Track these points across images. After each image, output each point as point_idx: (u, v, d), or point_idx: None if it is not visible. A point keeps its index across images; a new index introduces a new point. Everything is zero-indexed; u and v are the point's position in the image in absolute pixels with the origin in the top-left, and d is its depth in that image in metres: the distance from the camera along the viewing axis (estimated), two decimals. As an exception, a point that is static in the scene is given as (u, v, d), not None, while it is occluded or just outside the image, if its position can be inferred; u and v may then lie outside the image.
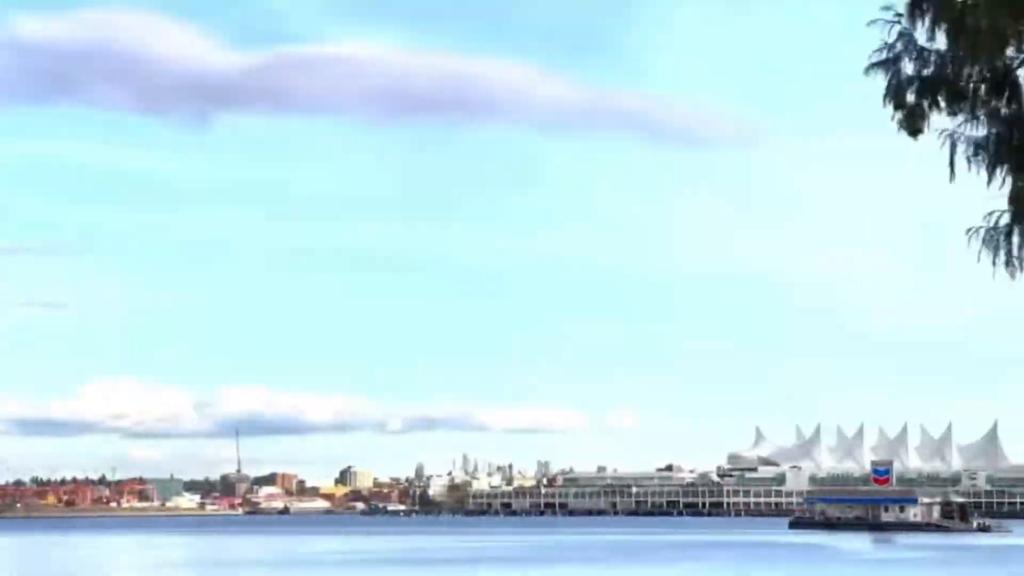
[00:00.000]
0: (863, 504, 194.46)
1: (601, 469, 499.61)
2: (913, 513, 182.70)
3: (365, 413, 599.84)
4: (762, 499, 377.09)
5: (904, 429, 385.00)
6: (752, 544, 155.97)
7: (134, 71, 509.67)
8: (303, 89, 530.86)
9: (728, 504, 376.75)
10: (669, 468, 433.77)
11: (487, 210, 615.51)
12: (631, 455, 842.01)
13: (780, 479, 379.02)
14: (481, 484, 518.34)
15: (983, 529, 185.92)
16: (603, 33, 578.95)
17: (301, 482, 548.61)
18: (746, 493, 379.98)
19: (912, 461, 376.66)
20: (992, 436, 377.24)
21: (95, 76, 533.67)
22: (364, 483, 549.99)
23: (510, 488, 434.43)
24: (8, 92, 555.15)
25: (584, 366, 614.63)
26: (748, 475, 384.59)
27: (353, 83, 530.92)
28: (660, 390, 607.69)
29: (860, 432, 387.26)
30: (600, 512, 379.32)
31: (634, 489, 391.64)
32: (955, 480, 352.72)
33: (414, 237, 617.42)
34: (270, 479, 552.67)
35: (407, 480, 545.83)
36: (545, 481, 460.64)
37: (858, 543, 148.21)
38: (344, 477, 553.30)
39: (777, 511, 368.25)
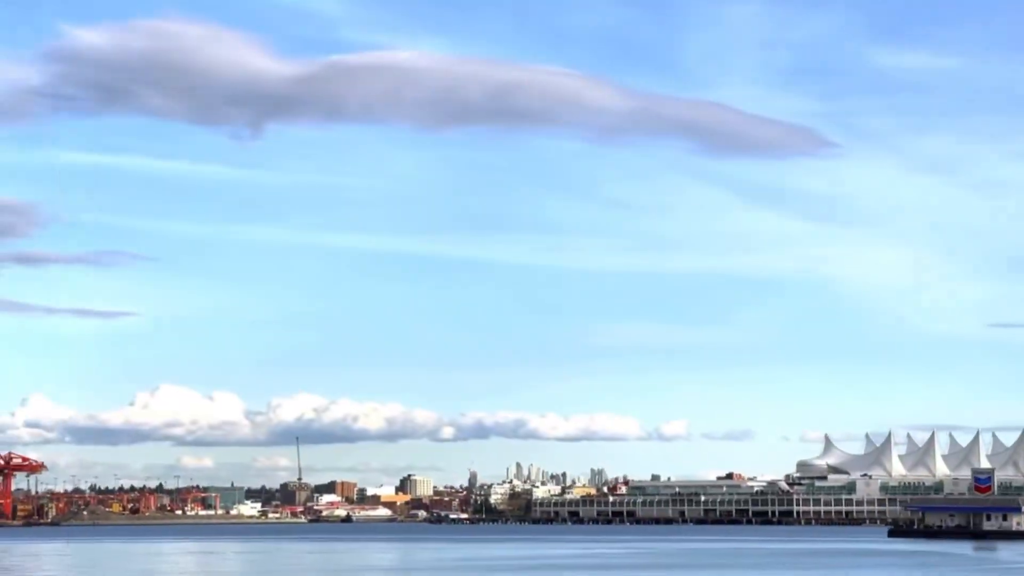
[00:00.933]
0: (964, 512, 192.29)
1: (655, 478, 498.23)
2: (1017, 522, 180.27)
3: (419, 422, 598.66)
4: (832, 507, 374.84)
5: (976, 437, 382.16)
6: (862, 552, 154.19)
7: (187, 81, 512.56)
8: (355, 97, 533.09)
9: (798, 512, 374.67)
10: (729, 476, 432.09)
11: (537, 218, 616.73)
12: (685, 464, 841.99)
13: (850, 487, 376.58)
14: (540, 492, 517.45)
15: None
16: (653, 39, 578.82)
17: (362, 490, 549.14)
18: (816, 502, 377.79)
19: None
20: None
21: (148, 86, 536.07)
22: (424, 491, 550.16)
23: (576, 496, 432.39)
24: (63, 102, 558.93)
25: (638, 374, 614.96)
26: (818, 483, 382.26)
27: (404, 91, 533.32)
28: (713, 398, 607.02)
29: (931, 440, 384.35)
30: (668, 520, 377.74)
31: (702, 497, 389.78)
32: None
33: (466, 245, 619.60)
34: (329, 487, 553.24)
35: (463, 488, 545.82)
36: (606, 489, 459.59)
37: (983, 552, 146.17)
38: (404, 485, 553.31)
39: (848, 520, 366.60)
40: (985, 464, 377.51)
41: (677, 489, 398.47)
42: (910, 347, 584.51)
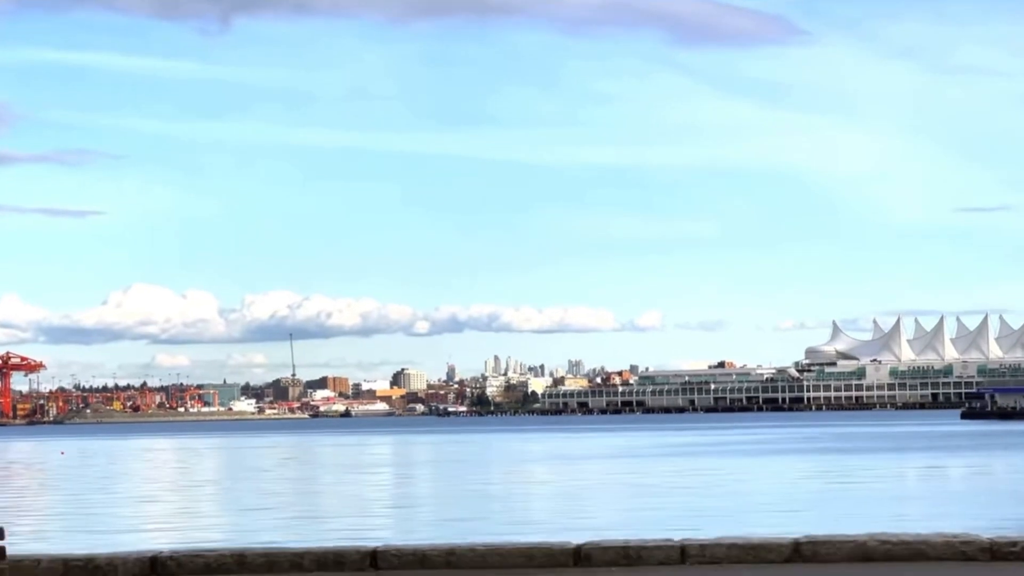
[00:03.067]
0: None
1: (634, 368, 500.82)
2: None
3: (393, 317, 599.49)
4: (843, 393, 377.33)
5: (984, 320, 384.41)
6: (944, 434, 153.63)
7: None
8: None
9: (809, 399, 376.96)
10: (721, 365, 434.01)
11: (509, 111, 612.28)
12: (660, 354, 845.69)
13: (860, 373, 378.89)
14: (537, 385, 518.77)
15: None
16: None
17: (357, 385, 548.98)
18: (826, 388, 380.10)
19: (993, 352, 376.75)
20: None
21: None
22: (417, 385, 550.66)
23: (586, 387, 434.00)
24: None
25: (611, 266, 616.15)
26: (828, 369, 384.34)
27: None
28: (686, 289, 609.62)
29: (940, 324, 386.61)
30: (679, 409, 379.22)
31: (712, 386, 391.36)
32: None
33: (436, 139, 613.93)
34: (321, 383, 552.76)
35: (451, 381, 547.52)
36: (599, 381, 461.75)
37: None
38: (398, 379, 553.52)
39: (858, 405, 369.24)
40: (995, 347, 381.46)
41: (687, 378, 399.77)
42: (879, 234, 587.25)
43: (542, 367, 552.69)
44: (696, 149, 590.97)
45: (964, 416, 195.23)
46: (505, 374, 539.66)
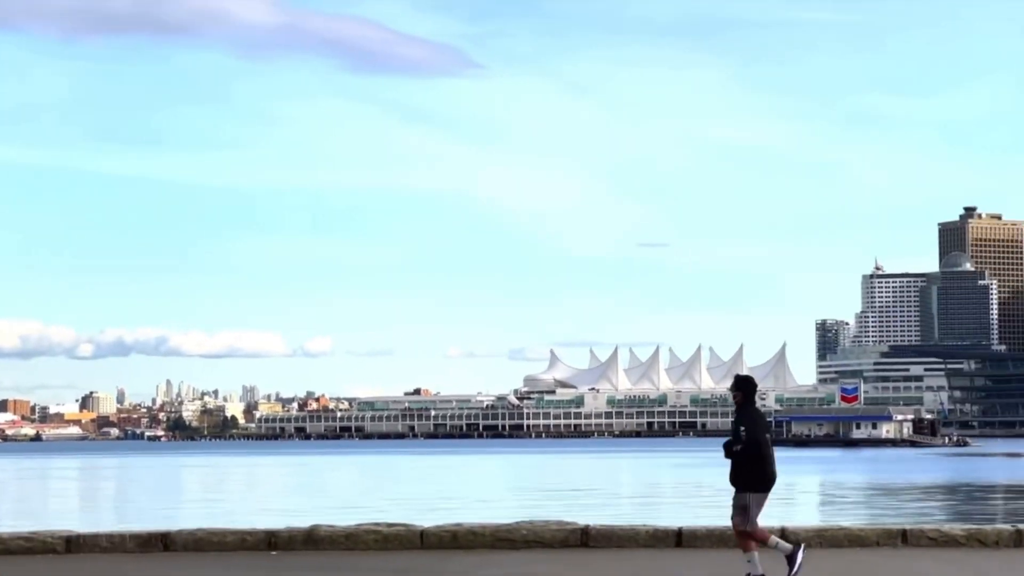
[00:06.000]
0: (833, 421, 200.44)
1: (310, 394, 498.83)
2: (886, 430, 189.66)
3: (55, 339, 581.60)
4: (561, 420, 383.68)
5: (697, 351, 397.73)
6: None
7: None
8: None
9: (528, 426, 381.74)
10: (417, 392, 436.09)
11: (182, 132, 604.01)
12: (334, 381, 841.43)
13: (579, 401, 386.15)
14: (234, 409, 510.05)
15: (961, 444, 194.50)
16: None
17: (44, 408, 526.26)
18: (546, 415, 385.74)
19: (705, 382, 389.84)
20: (780, 357, 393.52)
21: None
22: (107, 409, 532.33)
23: (302, 412, 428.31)
24: None
25: (282, 290, 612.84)
26: (547, 397, 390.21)
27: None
28: (358, 315, 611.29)
29: (655, 354, 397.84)
30: (399, 435, 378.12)
31: (432, 412, 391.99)
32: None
33: (105, 158, 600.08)
34: (1, 405, 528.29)
35: (146, 406, 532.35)
36: (315, 406, 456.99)
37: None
38: (86, 403, 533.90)
39: (577, 432, 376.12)
40: (707, 377, 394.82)
41: (407, 404, 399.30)
42: (556, 267, 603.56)
43: (216, 392, 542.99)
44: (369, 175, 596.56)
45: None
46: (179, 399, 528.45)
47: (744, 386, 16.67)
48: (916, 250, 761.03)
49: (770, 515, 18.21)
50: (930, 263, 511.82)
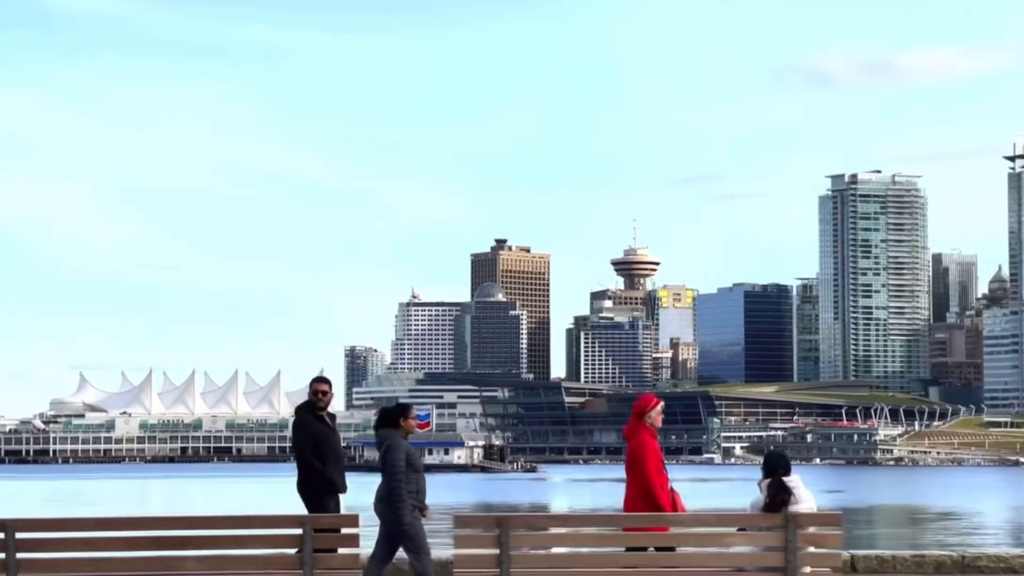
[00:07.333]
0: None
1: None
2: (458, 455, 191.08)
3: None
4: (91, 446, 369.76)
5: (234, 376, 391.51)
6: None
7: None
8: None
9: (55, 451, 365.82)
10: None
11: None
12: None
13: (110, 425, 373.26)
14: None
15: (531, 469, 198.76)
16: None
17: None
18: (74, 440, 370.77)
19: (242, 407, 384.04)
20: (275, 382, 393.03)
21: None
22: None
23: None
24: None
25: None
26: (76, 421, 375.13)
27: None
28: None
29: (191, 379, 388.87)
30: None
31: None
32: (283, 426, 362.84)
33: None
34: None
35: None
36: None
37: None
38: None
39: (107, 457, 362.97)
40: (243, 402, 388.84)
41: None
42: (77, 288, 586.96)
43: None
44: None
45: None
46: None
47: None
48: (451, 280, 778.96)
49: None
50: (463, 293, 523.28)
